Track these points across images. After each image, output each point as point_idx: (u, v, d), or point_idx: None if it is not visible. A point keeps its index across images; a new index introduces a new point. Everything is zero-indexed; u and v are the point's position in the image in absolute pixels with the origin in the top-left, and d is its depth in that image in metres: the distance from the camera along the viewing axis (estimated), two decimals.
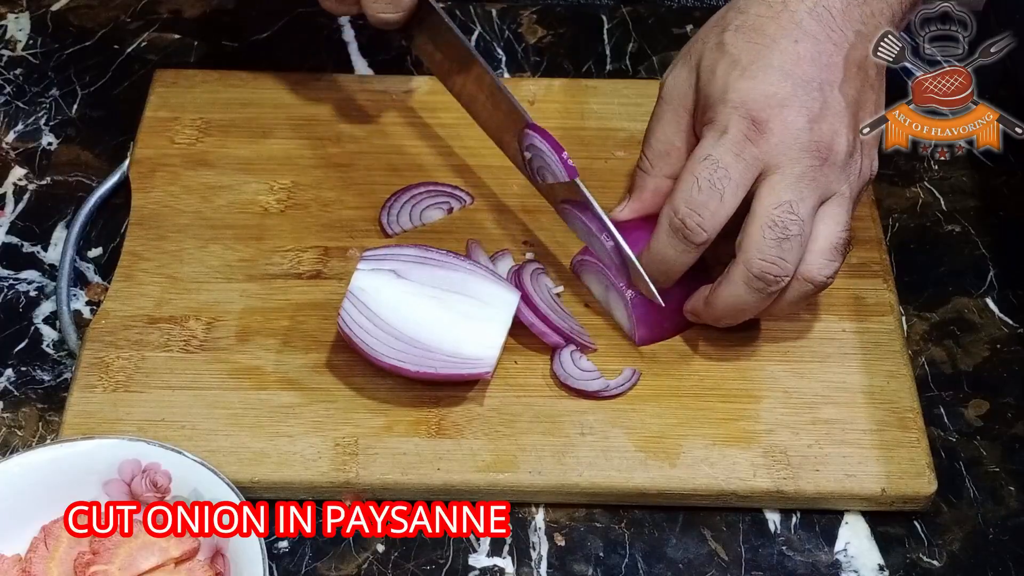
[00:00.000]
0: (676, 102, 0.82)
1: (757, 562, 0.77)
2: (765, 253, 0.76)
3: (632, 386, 0.81)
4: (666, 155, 0.82)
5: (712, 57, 0.79)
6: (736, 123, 0.77)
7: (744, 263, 0.76)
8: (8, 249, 0.91)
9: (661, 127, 0.83)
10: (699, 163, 0.77)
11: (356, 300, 0.79)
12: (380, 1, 0.85)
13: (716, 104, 0.78)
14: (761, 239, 0.76)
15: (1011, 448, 0.82)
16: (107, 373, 0.81)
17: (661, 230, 0.79)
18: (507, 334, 0.81)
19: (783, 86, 0.77)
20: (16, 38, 1.04)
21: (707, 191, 0.76)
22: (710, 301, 0.79)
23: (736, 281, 0.77)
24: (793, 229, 0.76)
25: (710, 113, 0.78)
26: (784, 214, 0.76)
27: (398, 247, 0.82)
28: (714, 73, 0.79)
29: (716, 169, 0.76)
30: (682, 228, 0.77)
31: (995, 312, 0.88)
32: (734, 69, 0.78)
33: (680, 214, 0.77)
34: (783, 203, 0.76)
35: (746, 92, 0.77)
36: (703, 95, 0.80)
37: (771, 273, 0.76)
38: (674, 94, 0.82)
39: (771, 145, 0.76)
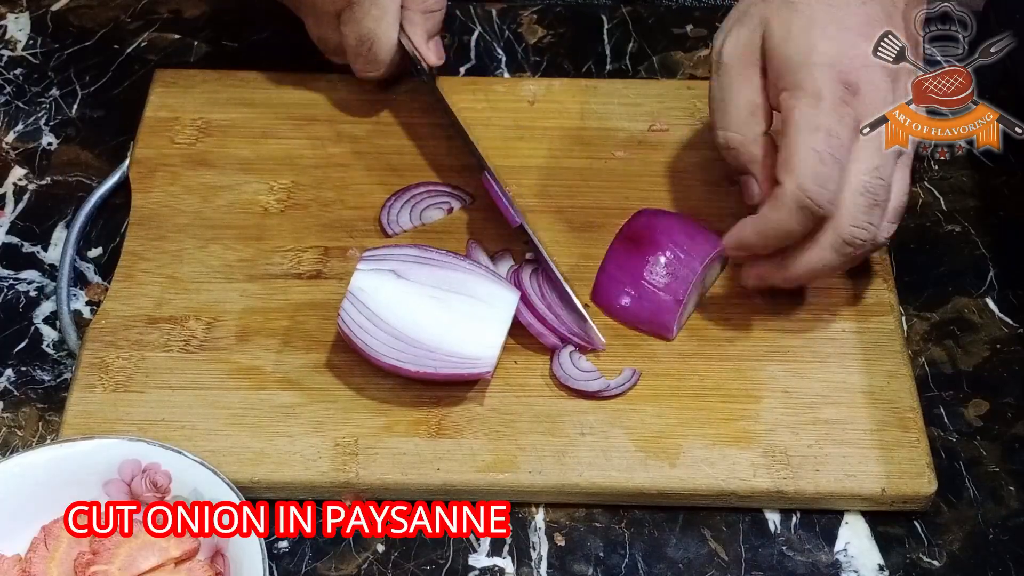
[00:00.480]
0: (746, 62, 0.80)
1: (757, 562, 0.77)
2: (858, 219, 0.76)
3: (632, 386, 0.81)
4: (753, 116, 0.80)
5: (783, 16, 0.78)
6: (830, 87, 0.76)
7: (836, 229, 0.76)
8: (8, 249, 0.91)
9: (737, 91, 0.80)
10: (814, 135, 0.75)
11: (356, 300, 0.79)
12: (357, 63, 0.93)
13: (800, 66, 0.77)
14: (855, 205, 0.76)
15: (1011, 448, 0.82)
16: (107, 373, 0.81)
17: (785, 207, 0.76)
18: (507, 334, 0.81)
19: (863, 47, 0.76)
20: (16, 38, 1.04)
21: (830, 163, 0.75)
22: (788, 265, 0.79)
23: (825, 246, 0.77)
24: (882, 195, 0.76)
25: (793, 76, 0.77)
26: (874, 180, 0.76)
27: (398, 247, 0.82)
28: (790, 32, 0.78)
29: (832, 139, 0.75)
30: (812, 205, 0.76)
31: (995, 312, 0.88)
32: (812, 28, 0.77)
33: (810, 192, 0.75)
34: (872, 168, 0.76)
35: (832, 54, 0.76)
36: (778, 54, 0.78)
37: (860, 238, 0.77)
38: (740, 55, 0.80)
39: (863, 107, 0.76)
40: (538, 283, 0.84)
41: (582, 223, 0.90)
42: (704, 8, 1.07)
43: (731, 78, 0.81)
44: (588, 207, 0.91)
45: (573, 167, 0.93)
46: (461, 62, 1.02)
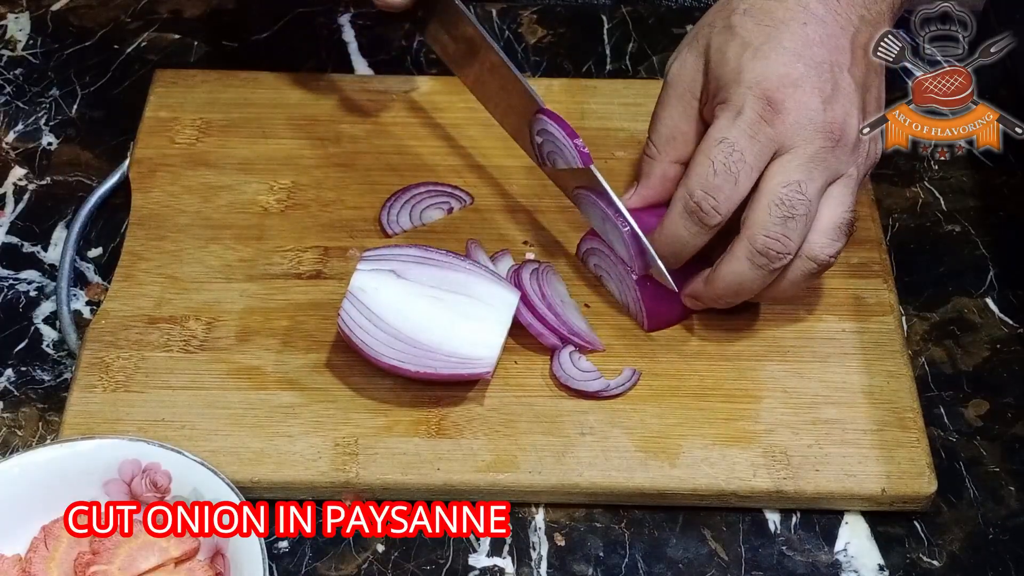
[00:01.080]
0: (683, 87, 0.82)
1: (757, 562, 0.77)
2: (770, 229, 0.76)
3: (632, 386, 0.81)
4: (672, 140, 0.82)
5: (721, 39, 0.80)
6: (751, 103, 0.77)
7: (748, 239, 0.77)
8: (8, 249, 0.91)
9: (668, 112, 0.83)
10: (715, 146, 0.77)
11: (356, 300, 0.79)
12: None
13: (729, 85, 0.78)
14: (767, 216, 0.76)
15: (1011, 448, 0.82)
16: (107, 373, 0.81)
17: (675, 212, 0.79)
18: (507, 334, 0.81)
19: (796, 67, 0.77)
20: (16, 38, 1.04)
21: (722, 174, 0.77)
22: (711, 279, 0.80)
23: (739, 256, 0.77)
24: (800, 209, 0.76)
25: (723, 94, 0.78)
26: (792, 193, 0.76)
27: (398, 247, 0.82)
28: (724, 55, 0.79)
29: (732, 152, 0.77)
30: (697, 211, 0.78)
31: (995, 312, 0.88)
32: (746, 50, 0.78)
33: (696, 197, 0.77)
34: (792, 182, 0.76)
35: (760, 73, 0.77)
36: (713, 77, 0.80)
37: (774, 249, 0.76)
38: (681, 79, 0.82)
39: (786, 126, 0.76)
40: (538, 283, 0.84)
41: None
42: (704, 8, 1.07)
43: (668, 97, 0.83)
44: None
45: None
46: None
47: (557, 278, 0.86)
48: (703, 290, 0.81)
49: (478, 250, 0.87)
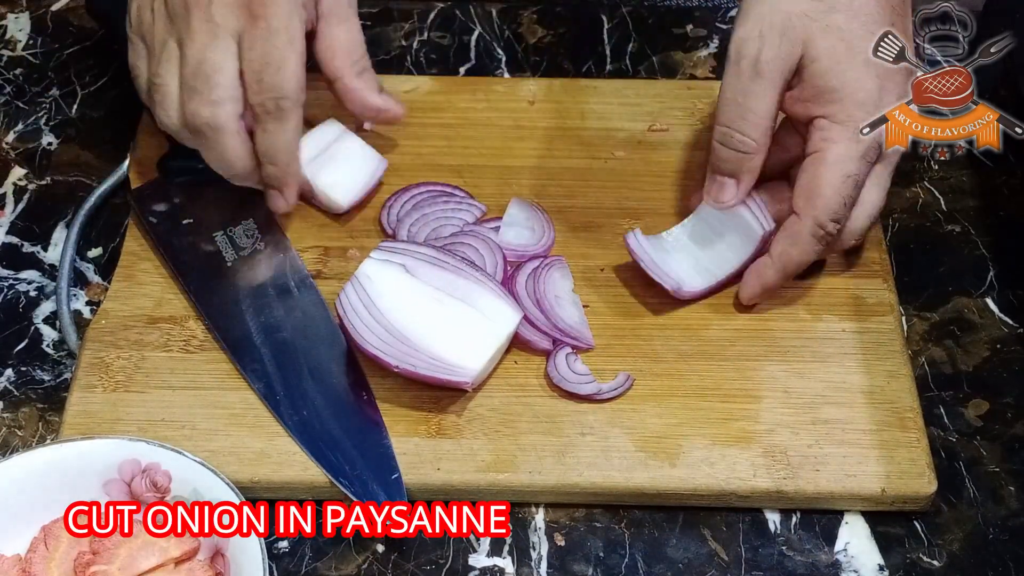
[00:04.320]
0: (778, 78, 0.80)
1: (757, 562, 0.77)
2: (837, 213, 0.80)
3: (625, 391, 0.81)
4: (769, 131, 0.82)
5: (828, 42, 0.79)
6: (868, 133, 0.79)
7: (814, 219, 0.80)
8: (8, 249, 0.91)
9: (764, 101, 0.81)
10: (844, 181, 0.80)
11: (358, 286, 0.80)
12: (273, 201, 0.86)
13: (843, 99, 0.79)
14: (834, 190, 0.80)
15: (1011, 448, 0.82)
16: (107, 373, 0.81)
17: (803, 238, 0.82)
18: (503, 352, 0.81)
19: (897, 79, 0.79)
20: (16, 38, 1.04)
21: (849, 206, 0.81)
22: (781, 263, 0.82)
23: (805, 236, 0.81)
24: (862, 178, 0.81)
25: (833, 107, 0.80)
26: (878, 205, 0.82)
27: (415, 244, 0.83)
28: (835, 60, 0.79)
29: (856, 185, 0.80)
30: (826, 236, 0.81)
31: (995, 312, 0.88)
32: (855, 58, 0.79)
33: (828, 228, 0.81)
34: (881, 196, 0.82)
35: (873, 89, 0.79)
36: (820, 82, 0.80)
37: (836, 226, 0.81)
38: (774, 68, 0.80)
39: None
40: (534, 283, 0.84)
41: (582, 223, 0.90)
42: (704, 8, 1.07)
43: (763, 87, 0.81)
44: (588, 207, 0.91)
45: (573, 167, 0.93)
46: (461, 62, 1.03)
47: (562, 273, 0.86)
48: (774, 276, 0.83)
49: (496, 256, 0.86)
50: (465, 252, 0.85)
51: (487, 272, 0.83)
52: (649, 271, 0.84)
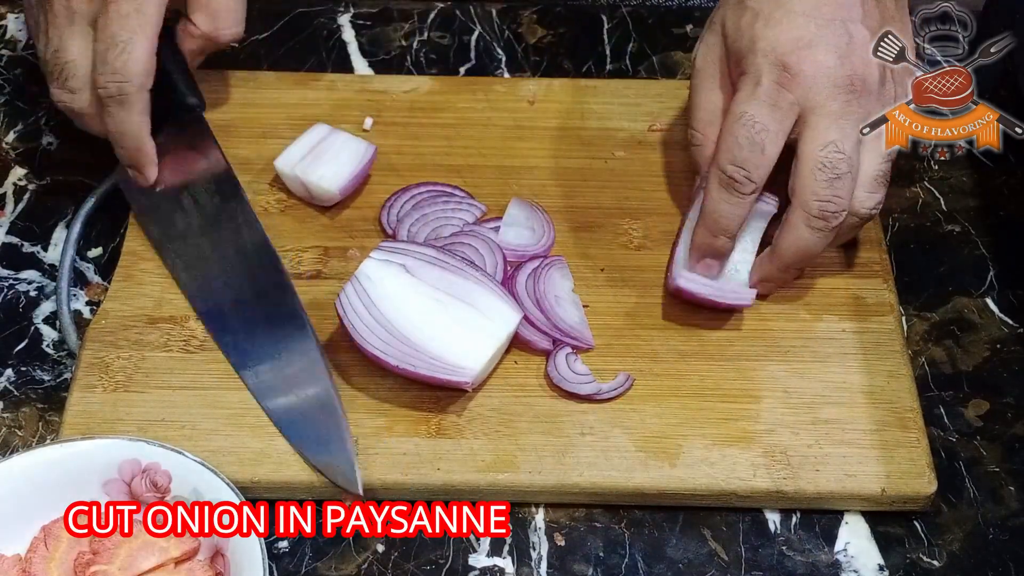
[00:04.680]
0: (710, 68, 0.85)
1: (757, 562, 0.77)
2: (820, 193, 0.78)
3: (625, 391, 0.81)
4: (712, 122, 0.85)
5: (735, 16, 0.82)
6: (768, 71, 0.79)
7: (802, 206, 0.79)
8: (8, 249, 0.91)
9: (701, 96, 0.85)
10: (736, 121, 0.80)
11: (359, 286, 0.80)
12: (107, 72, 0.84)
13: (746, 56, 0.81)
14: (813, 181, 0.78)
15: (1011, 448, 0.82)
16: (107, 373, 0.81)
17: (712, 188, 0.81)
18: (503, 352, 0.81)
19: (808, 28, 0.79)
20: (16, 38, 1.04)
21: (748, 147, 0.79)
22: (776, 254, 0.82)
23: (797, 224, 0.80)
24: (842, 167, 0.78)
25: (742, 65, 0.81)
26: (831, 153, 0.78)
27: (416, 244, 0.83)
28: (739, 29, 0.81)
29: (753, 124, 0.79)
30: (731, 183, 0.80)
31: (995, 312, 0.88)
32: (757, 20, 0.81)
33: (728, 172, 0.80)
34: (828, 143, 0.78)
35: (773, 39, 0.80)
36: (732, 52, 0.82)
37: (829, 210, 0.79)
38: (707, 61, 0.85)
39: (805, 87, 0.79)
40: (534, 284, 0.84)
41: (582, 223, 0.90)
42: (704, 8, 1.07)
43: (700, 82, 0.86)
44: (588, 207, 0.91)
45: (573, 167, 0.93)
46: (461, 62, 1.03)
47: (562, 273, 0.86)
48: (770, 268, 0.83)
49: (496, 257, 0.86)
50: (465, 252, 0.85)
51: (487, 272, 0.83)
52: (720, 301, 0.83)
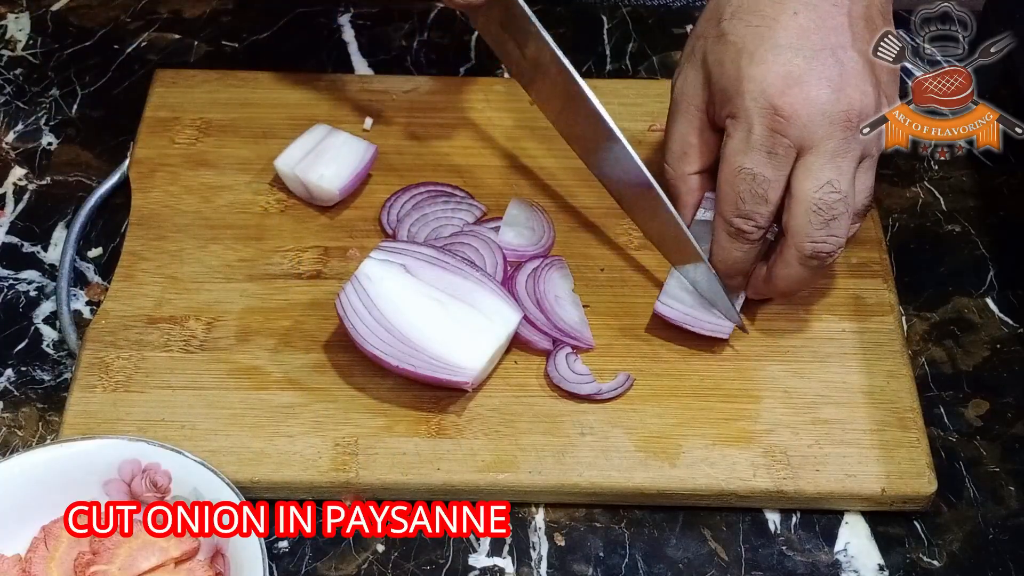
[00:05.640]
0: (686, 102, 0.82)
1: (757, 562, 0.77)
2: (814, 235, 0.77)
3: (625, 391, 0.81)
4: (684, 155, 0.83)
5: (717, 50, 0.79)
6: (759, 117, 0.76)
7: (796, 247, 0.78)
8: (8, 249, 0.91)
9: (676, 129, 0.84)
10: (736, 175, 0.78)
11: (358, 286, 0.80)
12: None
13: (733, 97, 0.78)
14: (808, 223, 0.77)
15: (1011, 448, 0.82)
16: (107, 373, 0.81)
17: (720, 239, 0.81)
18: (503, 352, 0.81)
19: (795, 63, 0.76)
20: (16, 38, 1.04)
21: (751, 200, 0.78)
22: (769, 280, 0.81)
23: (791, 262, 0.79)
24: (839, 208, 0.77)
25: (729, 107, 0.78)
26: (827, 195, 0.76)
27: (416, 244, 0.83)
28: (723, 65, 0.78)
29: (753, 179, 0.77)
30: (739, 234, 0.80)
31: (995, 312, 0.88)
32: (741, 57, 0.77)
33: (735, 225, 0.79)
34: (824, 183, 0.76)
35: (760, 79, 0.76)
36: (716, 90, 0.80)
37: (824, 251, 0.78)
38: (684, 94, 0.83)
39: (800, 127, 0.76)
40: (534, 284, 0.84)
41: (582, 223, 0.90)
42: (703, 8, 1.07)
43: (675, 115, 0.84)
44: (588, 207, 0.91)
45: (573, 167, 0.93)
46: (461, 62, 1.02)
47: (562, 273, 0.86)
48: (764, 288, 0.82)
49: (496, 257, 0.86)
50: (465, 252, 0.85)
51: (487, 272, 0.83)
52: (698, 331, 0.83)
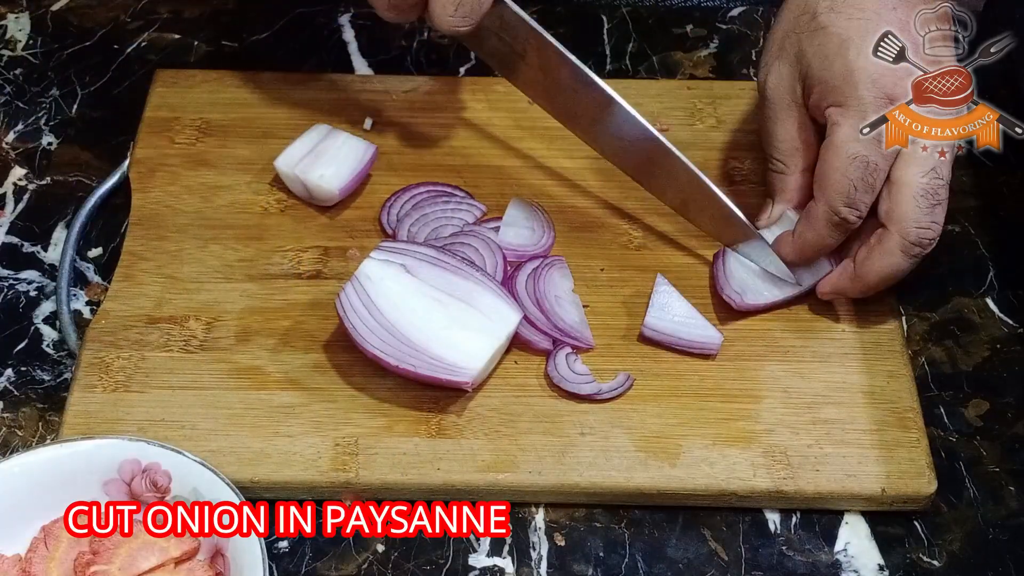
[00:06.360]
0: (786, 98, 0.84)
1: (757, 562, 0.77)
2: (921, 221, 0.78)
3: (625, 391, 0.81)
4: (796, 152, 0.84)
5: (817, 42, 0.80)
6: (874, 107, 0.78)
7: (900, 233, 0.79)
8: (8, 249, 0.91)
9: (781, 127, 0.84)
10: (850, 163, 0.78)
11: (358, 286, 0.80)
12: (455, 15, 0.80)
13: (841, 87, 0.79)
14: (916, 209, 0.78)
15: (1011, 448, 0.82)
16: (107, 373, 0.81)
17: (819, 224, 0.81)
18: (503, 352, 0.81)
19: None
20: (16, 38, 1.04)
21: (862, 189, 0.79)
22: (862, 274, 0.81)
23: (893, 251, 0.79)
24: (942, 193, 0.78)
25: (835, 96, 0.79)
26: (933, 180, 0.78)
27: (416, 244, 0.83)
28: (826, 57, 0.80)
29: (867, 166, 0.78)
30: (843, 223, 0.80)
31: (995, 312, 0.88)
32: (848, 48, 0.79)
33: (841, 213, 0.80)
34: (930, 169, 0.78)
35: (872, 70, 0.78)
36: (817, 80, 0.81)
37: (927, 238, 0.79)
38: (780, 91, 0.84)
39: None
40: (534, 284, 0.84)
41: (582, 223, 0.90)
42: (704, 8, 1.07)
43: (776, 113, 0.85)
44: (588, 207, 0.91)
45: (573, 167, 0.93)
46: (461, 62, 1.02)
47: (562, 273, 0.86)
48: (850, 286, 0.82)
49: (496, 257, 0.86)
50: (465, 252, 0.85)
51: (487, 272, 0.83)
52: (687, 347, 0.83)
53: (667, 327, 0.83)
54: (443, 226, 0.88)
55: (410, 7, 0.81)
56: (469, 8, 0.80)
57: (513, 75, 0.89)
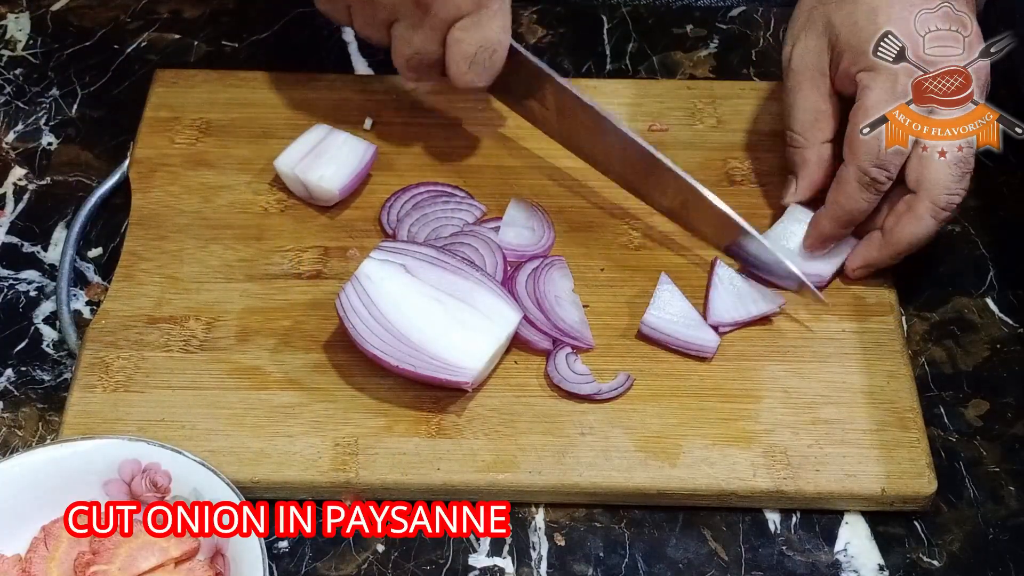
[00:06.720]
0: (812, 69, 0.84)
1: (757, 562, 0.77)
2: (953, 187, 0.79)
3: (625, 391, 0.81)
4: (816, 122, 0.85)
5: (846, 11, 0.82)
6: (905, 70, 0.78)
7: (933, 200, 0.80)
8: (8, 249, 0.91)
9: (803, 96, 0.85)
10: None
11: (358, 286, 0.80)
12: (470, 72, 0.85)
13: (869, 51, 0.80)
14: (948, 176, 0.79)
15: (1011, 448, 0.82)
16: (107, 373, 0.81)
17: (850, 187, 0.81)
18: (503, 352, 0.81)
19: (933, 20, 0.79)
20: (16, 38, 1.04)
21: (893, 149, 0.79)
22: (892, 241, 0.82)
23: (923, 216, 0.80)
24: (972, 162, 0.79)
25: (867, 60, 0.80)
26: (965, 149, 0.79)
27: (415, 244, 0.83)
28: (855, 24, 0.81)
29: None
30: (873, 184, 0.81)
31: (995, 312, 0.88)
32: (878, 15, 0.80)
33: (872, 174, 0.80)
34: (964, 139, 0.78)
35: (902, 34, 0.79)
36: (846, 47, 0.81)
37: (955, 203, 0.80)
38: (806, 61, 0.84)
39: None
40: (534, 284, 0.84)
41: (582, 223, 0.90)
42: (704, 8, 1.07)
43: (799, 83, 0.85)
44: (588, 207, 0.91)
45: (573, 167, 0.93)
46: None
47: (562, 273, 0.86)
48: (879, 255, 0.84)
49: (496, 257, 0.86)
50: (465, 252, 0.85)
51: (487, 272, 0.83)
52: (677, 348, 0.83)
53: (665, 326, 0.83)
54: (443, 226, 0.89)
55: (427, 68, 0.86)
56: (483, 66, 0.84)
57: (531, 116, 0.91)
